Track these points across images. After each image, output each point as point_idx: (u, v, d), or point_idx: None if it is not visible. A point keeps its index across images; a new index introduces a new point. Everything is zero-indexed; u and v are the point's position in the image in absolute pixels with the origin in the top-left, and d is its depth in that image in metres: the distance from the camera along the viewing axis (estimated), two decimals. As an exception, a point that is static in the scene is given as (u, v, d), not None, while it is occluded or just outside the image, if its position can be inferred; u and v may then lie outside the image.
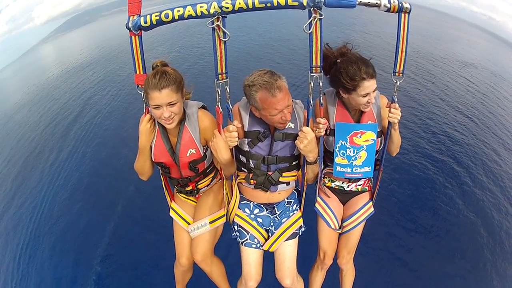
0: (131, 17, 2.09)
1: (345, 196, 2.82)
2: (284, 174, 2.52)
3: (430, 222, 6.20)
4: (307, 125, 2.29)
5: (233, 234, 2.67)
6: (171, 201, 2.78)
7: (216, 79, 2.14)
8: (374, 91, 2.30)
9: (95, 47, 22.85)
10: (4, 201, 8.49)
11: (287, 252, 2.60)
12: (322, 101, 2.31)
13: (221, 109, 2.20)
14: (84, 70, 17.53)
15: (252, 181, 2.54)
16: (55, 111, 13.12)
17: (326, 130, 2.45)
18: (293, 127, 2.37)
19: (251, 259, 2.59)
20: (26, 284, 6.16)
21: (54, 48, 32.28)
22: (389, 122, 2.37)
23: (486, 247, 5.83)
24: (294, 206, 2.70)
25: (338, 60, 2.32)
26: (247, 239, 2.60)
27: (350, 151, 2.47)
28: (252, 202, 2.68)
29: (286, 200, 2.69)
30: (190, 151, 2.40)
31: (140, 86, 2.22)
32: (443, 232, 6.04)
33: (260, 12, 2.05)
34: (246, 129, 2.40)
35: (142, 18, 2.05)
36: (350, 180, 2.73)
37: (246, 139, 2.40)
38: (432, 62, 16.19)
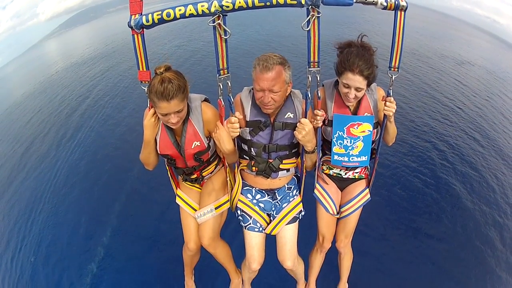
0: (133, 16, 2.15)
1: (342, 183, 2.92)
2: (284, 161, 2.62)
3: (425, 209, 6.39)
4: (305, 117, 2.38)
5: (238, 218, 2.79)
6: (176, 188, 2.86)
7: (218, 74, 2.24)
8: (358, 89, 2.38)
9: (102, 42, 23.05)
10: (19, 173, 9.14)
11: (288, 236, 2.72)
12: (319, 94, 2.37)
13: (223, 102, 2.30)
14: (93, 62, 17.88)
15: (253, 168, 2.64)
16: (67, 96, 13.75)
17: (324, 121, 2.54)
18: (292, 117, 2.47)
19: (254, 242, 2.73)
20: (37, 245, 6.54)
21: (59, 43, 32.39)
22: (384, 114, 2.45)
23: (484, 228, 6.02)
24: (294, 191, 2.81)
25: (352, 48, 2.40)
26: (249, 223, 2.72)
27: (347, 141, 2.56)
28: (254, 188, 2.78)
29: (286, 185, 2.79)
30: (195, 144, 2.49)
31: (143, 81, 2.28)
32: (437, 217, 6.24)
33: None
34: (248, 118, 2.49)
35: (144, 17, 2.11)
36: (347, 168, 2.82)
37: (248, 128, 2.50)
38: (429, 59, 16.41)
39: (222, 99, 2.30)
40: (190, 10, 2.05)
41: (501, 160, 8.41)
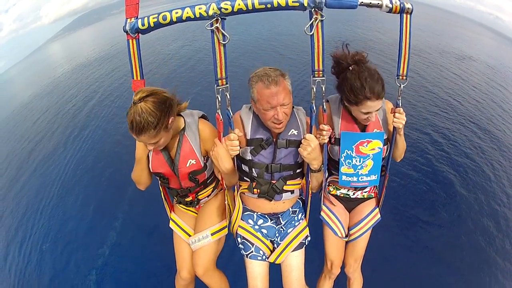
0: (128, 20, 2.06)
1: (350, 204, 2.75)
2: (288, 182, 2.45)
3: (438, 226, 6.16)
4: (311, 132, 2.24)
5: (238, 246, 2.59)
6: (170, 212, 2.71)
7: (215, 85, 2.09)
8: (377, 110, 2.23)
9: (106, 44, 23.19)
10: (28, 168, 9.63)
11: (294, 263, 2.52)
12: (325, 108, 2.24)
13: (221, 117, 2.14)
14: (98, 64, 18.31)
15: (255, 190, 2.45)
16: (73, 97, 14.15)
17: (330, 139, 2.40)
18: (296, 133, 2.32)
19: (257, 272, 2.50)
20: (46, 233, 6.88)
21: (64, 45, 32.74)
22: (394, 127, 2.31)
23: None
24: (300, 215, 2.62)
25: (350, 68, 2.22)
26: (252, 252, 2.51)
27: (356, 161, 2.40)
28: (255, 213, 2.60)
29: (290, 209, 2.61)
30: (190, 162, 2.33)
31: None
32: (451, 235, 5.98)
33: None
34: (248, 136, 2.33)
35: (139, 21, 2.02)
36: (355, 188, 2.66)
37: (249, 147, 2.34)
38: (429, 55, 16.35)
39: (220, 113, 2.14)
40: (188, 13, 1.95)
41: (499, 151, 8.45)
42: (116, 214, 6.77)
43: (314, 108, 2.17)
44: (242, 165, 2.42)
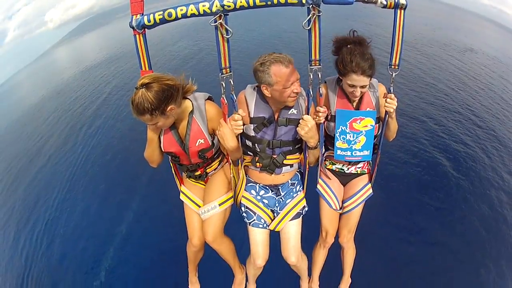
0: (134, 16, 2.17)
1: (345, 178, 2.93)
2: (288, 156, 2.64)
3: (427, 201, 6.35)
4: (308, 113, 2.41)
5: (242, 214, 2.80)
6: (180, 185, 2.89)
7: (220, 73, 2.26)
8: (363, 86, 2.41)
9: (113, 46, 23.56)
10: (40, 160, 10.21)
11: (291, 232, 2.74)
12: (322, 92, 2.40)
13: (226, 101, 2.30)
14: (105, 64, 18.85)
15: (258, 164, 2.65)
16: (83, 98, 14.62)
17: (327, 116, 2.57)
18: (295, 113, 2.50)
19: (258, 238, 2.73)
20: (58, 221, 7.30)
21: (70, 50, 33.00)
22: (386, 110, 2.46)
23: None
24: (298, 187, 2.82)
25: (349, 46, 2.42)
26: (254, 220, 2.73)
27: (350, 136, 2.58)
28: (258, 184, 2.80)
29: (290, 181, 2.81)
30: (199, 141, 2.52)
31: None
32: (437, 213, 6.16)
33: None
34: (252, 115, 2.51)
35: (145, 17, 2.14)
36: (350, 163, 2.84)
37: (252, 124, 2.51)
38: (431, 47, 16.56)
39: (225, 98, 2.30)
40: (192, 10, 2.07)
41: (493, 138, 8.66)
42: (130, 194, 7.13)
43: (311, 92, 2.32)
44: (246, 140, 2.60)
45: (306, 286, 3.20)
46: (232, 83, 2.28)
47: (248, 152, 2.68)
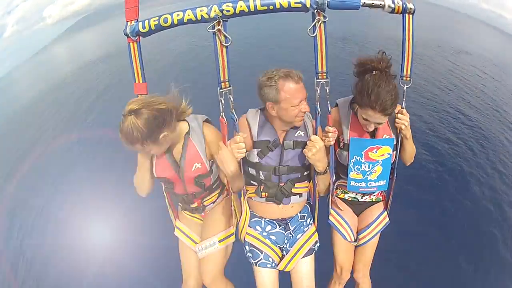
0: (128, 23, 2.04)
1: (359, 207, 2.73)
2: (296, 184, 2.41)
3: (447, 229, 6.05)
4: (316, 134, 2.24)
5: (247, 254, 2.55)
6: (175, 219, 2.66)
7: (218, 88, 2.07)
8: (378, 123, 2.23)
9: (112, 42, 23.18)
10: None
11: (304, 270, 2.50)
12: (330, 110, 2.22)
13: (225, 119, 2.12)
14: (104, 61, 18.86)
15: (263, 193, 2.42)
16: (79, 93, 14.76)
17: (339, 144, 2.41)
18: (302, 134, 2.31)
19: (266, 280, 2.47)
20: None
21: (68, 46, 32.89)
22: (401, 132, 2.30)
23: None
24: (308, 220, 2.60)
25: (374, 72, 2.18)
26: (261, 259, 2.47)
27: (365, 166, 2.39)
28: (263, 219, 2.57)
29: (299, 214, 2.58)
30: (196, 166, 2.29)
31: (139, 95, 2.15)
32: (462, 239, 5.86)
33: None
34: (255, 139, 2.30)
35: (140, 24, 2.01)
36: (364, 193, 2.64)
37: (255, 149, 2.31)
38: (425, 49, 16.38)
39: (224, 116, 2.11)
40: (189, 15, 1.94)
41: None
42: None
43: (319, 109, 2.16)
44: (249, 168, 2.38)
45: None
46: (231, 99, 2.09)
47: (252, 182, 2.43)
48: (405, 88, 2.21)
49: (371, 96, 2.10)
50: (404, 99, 2.24)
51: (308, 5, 1.91)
